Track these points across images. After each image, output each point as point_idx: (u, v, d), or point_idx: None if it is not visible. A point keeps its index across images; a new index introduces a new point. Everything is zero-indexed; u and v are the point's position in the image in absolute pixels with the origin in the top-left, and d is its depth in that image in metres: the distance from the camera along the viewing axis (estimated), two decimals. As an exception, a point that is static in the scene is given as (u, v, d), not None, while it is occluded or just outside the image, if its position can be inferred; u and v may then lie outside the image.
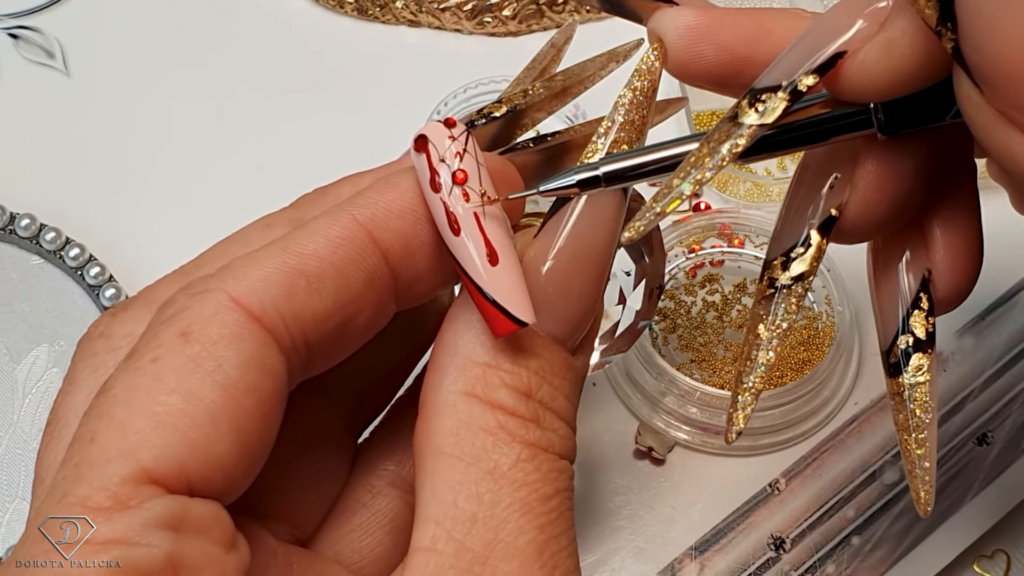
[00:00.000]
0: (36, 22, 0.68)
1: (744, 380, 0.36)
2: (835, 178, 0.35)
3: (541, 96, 0.42)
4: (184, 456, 0.31)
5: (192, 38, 0.67)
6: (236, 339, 0.32)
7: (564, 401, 0.35)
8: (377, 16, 0.68)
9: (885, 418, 0.54)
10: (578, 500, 0.53)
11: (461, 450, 0.33)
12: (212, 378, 0.31)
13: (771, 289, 0.36)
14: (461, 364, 0.34)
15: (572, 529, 0.34)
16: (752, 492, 0.52)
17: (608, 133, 0.36)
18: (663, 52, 0.36)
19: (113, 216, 0.61)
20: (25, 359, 0.57)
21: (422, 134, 0.34)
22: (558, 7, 0.67)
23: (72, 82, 0.66)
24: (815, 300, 0.56)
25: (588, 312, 0.35)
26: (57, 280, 0.59)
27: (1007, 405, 0.54)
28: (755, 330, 0.36)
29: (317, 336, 0.34)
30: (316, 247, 0.34)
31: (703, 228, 0.58)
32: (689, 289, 0.57)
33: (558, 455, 0.34)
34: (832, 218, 0.35)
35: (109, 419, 0.31)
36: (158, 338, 0.32)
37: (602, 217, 0.35)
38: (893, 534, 0.51)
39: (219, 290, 0.33)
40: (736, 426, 0.36)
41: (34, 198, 0.60)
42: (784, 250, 0.36)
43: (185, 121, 0.65)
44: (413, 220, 0.35)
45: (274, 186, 0.52)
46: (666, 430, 0.54)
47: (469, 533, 0.33)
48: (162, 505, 0.30)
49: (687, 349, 0.55)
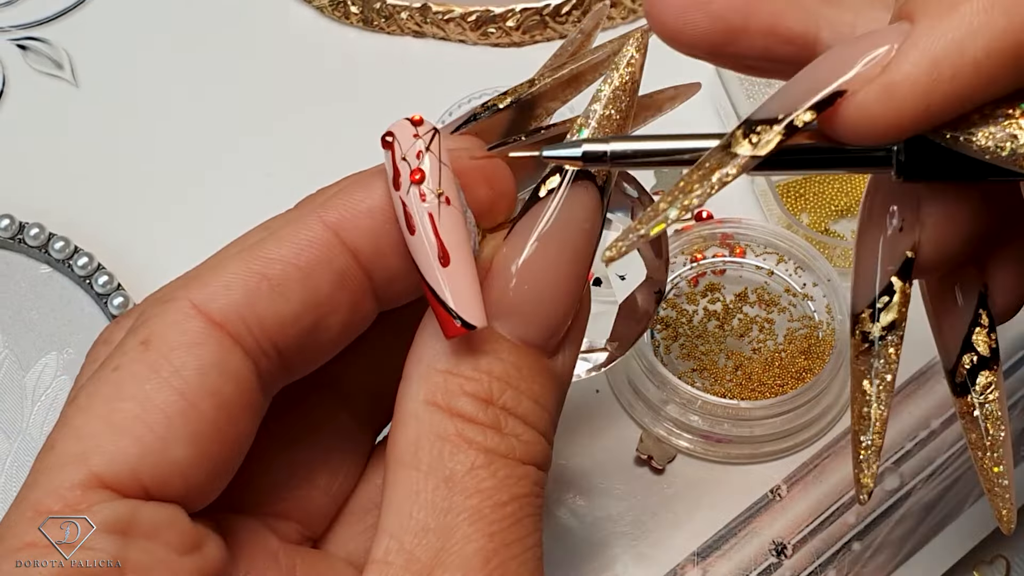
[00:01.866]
0: (45, 33, 0.68)
1: (862, 439, 0.35)
2: (902, 220, 0.35)
3: (549, 85, 0.41)
4: (136, 461, 0.31)
5: (200, 48, 0.68)
6: (194, 345, 0.32)
7: (531, 405, 0.35)
8: (382, 27, 0.68)
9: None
10: (581, 506, 0.54)
11: (419, 460, 0.33)
12: (168, 383, 0.32)
13: (866, 343, 0.35)
14: (424, 372, 0.34)
15: (531, 536, 0.34)
16: (754, 499, 0.53)
17: (585, 128, 0.35)
18: (644, 42, 0.35)
19: (121, 225, 0.61)
20: (34, 367, 0.57)
21: (389, 131, 0.34)
22: (561, 18, 0.67)
23: (80, 92, 0.67)
24: (816, 309, 0.57)
25: (564, 315, 0.35)
26: (66, 289, 0.59)
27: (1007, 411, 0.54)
28: (860, 387, 0.35)
29: (286, 339, 0.34)
30: (280, 251, 0.34)
31: (705, 237, 0.58)
32: (691, 298, 0.57)
33: (519, 460, 0.34)
34: (909, 260, 0.35)
35: (69, 427, 0.32)
36: (122, 347, 0.33)
37: (577, 217, 0.35)
38: (893, 540, 0.51)
39: (182, 298, 0.33)
40: (865, 487, 0.35)
41: (43, 207, 0.61)
42: (868, 302, 0.35)
43: (192, 130, 0.65)
44: (382, 219, 0.34)
45: (282, 193, 0.52)
46: (668, 438, 0.54)
47: (420, 544, 0.32)
48: (110, 509, 0.31)
49: (689, 358, 0.56)
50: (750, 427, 0.53)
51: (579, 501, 0.54)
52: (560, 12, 0.67)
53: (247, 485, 0.36)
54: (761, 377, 0.55)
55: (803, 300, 0.57)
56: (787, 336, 0.56)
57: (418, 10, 0.67)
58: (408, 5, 0.68)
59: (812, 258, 0.57)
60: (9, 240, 0.59)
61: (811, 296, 0.57)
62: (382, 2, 0.68)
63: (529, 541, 0.34)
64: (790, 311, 0.57)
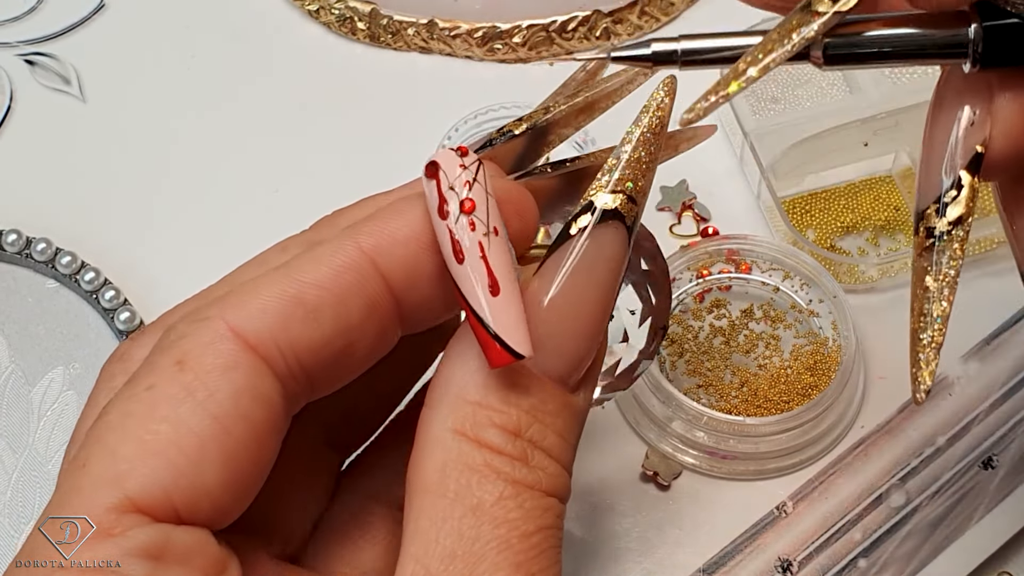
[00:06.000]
0: (52, 49, 0.68)
1: (922, 337, 0.35)
2: (974, 113, 0.34)
3: (564, 112, 0.42)
4: (170, 485, 0.31)
5: (207, 64, 0.68)
6: (230, 368, 0.33)
7: (556, 439, 0.35)
8: (389, 43, 0.68)
9: (891, 441, 0.54)
10: (586, 522, 0.54)
11: (446, 487, 0.33)
12: (203, 407, 0.32)
13: (931, 239, 0.35)
14: (452, 401, 0.34)
15: (554, 567, 0.34)
16: (759, 515, 0.53)
17: (614, 170, 0.36)
18: (672, 88, 0.36)
19: (128, 240, 0.62)
20: (40, 381, 0.57)
21: (434, 160, 0.34)
22: (567, 34, 0.67)
23: (88, 108, 0.67)
24: (821, 326, 0.57)
25: (589, 350, 0.35)
26: (72, 303, 0.59)
27: (1012, 429, 0.54)
28: (922, 283, 0.35)
29: (315, 363, 0.34)
30: (317, 275, 0.34)
31: (711, 253, 0.58)
32: (697, 314, 0.57)
33: (544, 492, 0.34)
34: (979, 155, 0.34)
35: (102, 445, 0.32)
36: (155, 365, 0.33)
37: (605, 256, 0.35)
38: (899, 557, 0.51)
39: (217, 318, 0.33)
40: (923, 384, 0.35)
41: (50, 222, 0.61)
42: (935, 197, 0.35)
43: (200, 146, 0.65)
44: (417, 248, 0.35)
45: (290, 209, 0.53)
46: (674, 454, 0.54)
47: (447, 570, 0.32)
48: (144, 534, 0.31)
49: (694, 374, 0.56)
50: (756, 443, 0.53)
51: (584, 517, 0.54)
52: (566, 29, 0.67)
53: None
54: (767, 393, 0.55)
55: (809, 316, 0.57)
56: (793, 352, 0.56)
57: (424, 26, 0.68)
58: (415, 21, 0.68)
59: (818, 274, 0.57)
60: (16, 255, 0.59)
61: (817, 312, 0.57)
62: (389, 18, 0.68)
63: (552, 571, 0.34)
64: (796, 327, 0.57)
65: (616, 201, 0.35)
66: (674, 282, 0.57)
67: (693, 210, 0.62)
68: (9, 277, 0.60)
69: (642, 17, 0.68)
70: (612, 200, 0.35)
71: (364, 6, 0.68)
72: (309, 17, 0.70)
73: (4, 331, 0.59)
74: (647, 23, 0.68)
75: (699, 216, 0.62)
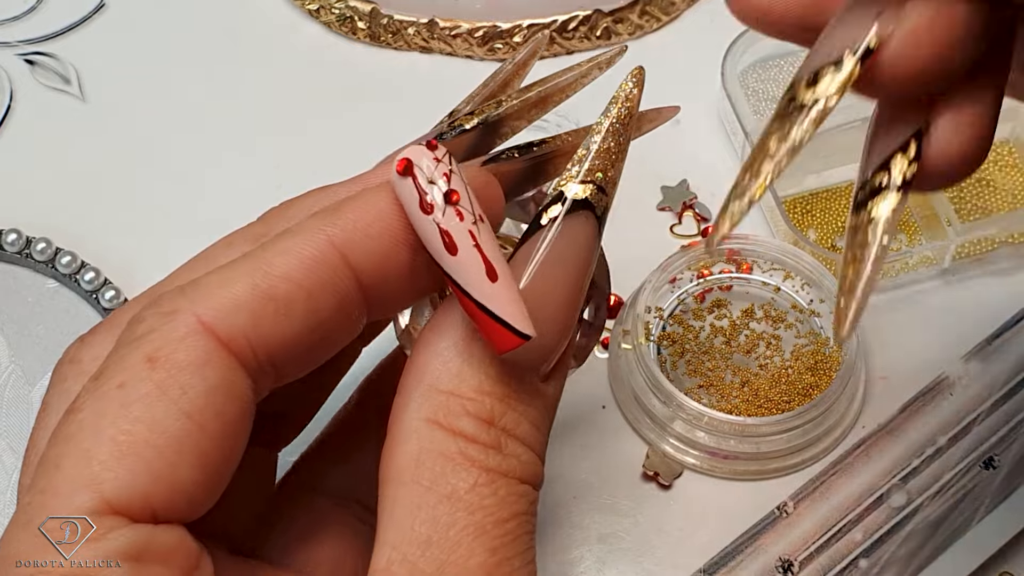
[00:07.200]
0: (52, 48, 0.68)
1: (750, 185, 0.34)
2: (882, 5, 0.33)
3: (515, 107, 0.42)
4: (148, 486, 0.31)
5: (207, 63, 0.68)
6: (202, 365, 0.32)
7: (529, 427, 0.35)
8: (389, 42, 0.68)
9: (892, 441, 0.54)
10: (586, 522, 0.54)
11: (421, 475, 0.34)
12: (177, 406, 0.32)
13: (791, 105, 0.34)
14: (425, 391, 0.35)
15: (528, 552, 0.35)
16: (760, 515, 0.53)
17: (583, 161, 0.36)
18: (641, 78, 0.36)
19: (128, 240, 0.61)
20: (40, 381, 0.57)
21: (406, 157, 0.34)
22: (568, 34, 0.67)
23: (88, 107, 0.67)
24: (822, 325, 0.57)
25: (560, 339, 0.35)
26: (72, 303, 0.59)
27: (1014, 429, 0.54)
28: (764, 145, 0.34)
29: (284, 357, 0.34)
30: (287, 268, 0.34)
31: (711, 253, 0.58)
32: (697, 314, 0.57)
33: (518, 480, 0.35)
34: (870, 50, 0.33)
35: (75, 445, 0.32)
36: (125, 361, 0.33)
37: (576, 246, 0.35)
38: (900, 557, 0.51)
39: (187, 312, 0.33)
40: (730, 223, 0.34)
41: (50, 222, 0.61)
42: (813, 70, 0.34)
43: (199, 146, 0.65)
44: (390, 243, 0.35)
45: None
46: (674, 454, 0.54)
47: (423, 556, 0.33)
48: (124, 536, 0.31)
49: (695, 374, 0.56)
50: (757, 443, 0.53)
51: (585, 517, 0.54)
52: (567, 28, 0.67)
53: None
54: (768, 393, 0.55)
55: (810, 316, 0.57)
56: (794, 352, 0.56)
57: (425, 26, 0.68)
58: (415, 21, 0.68)
59: (819, 274, 0.57)
60: (16, 255, 0.59)
61: (818, 312, 0.57)
62: (389, 18, 0.68)
63: (527, 556, 0.35)
64: (797, 327, 0.57)
65: (586, 191, 0.36)
66: (675, 282, 0.58)
67: (694, 210, 0.62)
68: (9, 277, 0.60)
69: (643, 16, 0.68)
70: (582, 191, 0.36)
71: (364, 5, 0.68)
72: (309, 16, 0.70)
73: (4, 331, 0.59)
74: (648, 23, 0.68)
75: (700, 216, 0.62)
